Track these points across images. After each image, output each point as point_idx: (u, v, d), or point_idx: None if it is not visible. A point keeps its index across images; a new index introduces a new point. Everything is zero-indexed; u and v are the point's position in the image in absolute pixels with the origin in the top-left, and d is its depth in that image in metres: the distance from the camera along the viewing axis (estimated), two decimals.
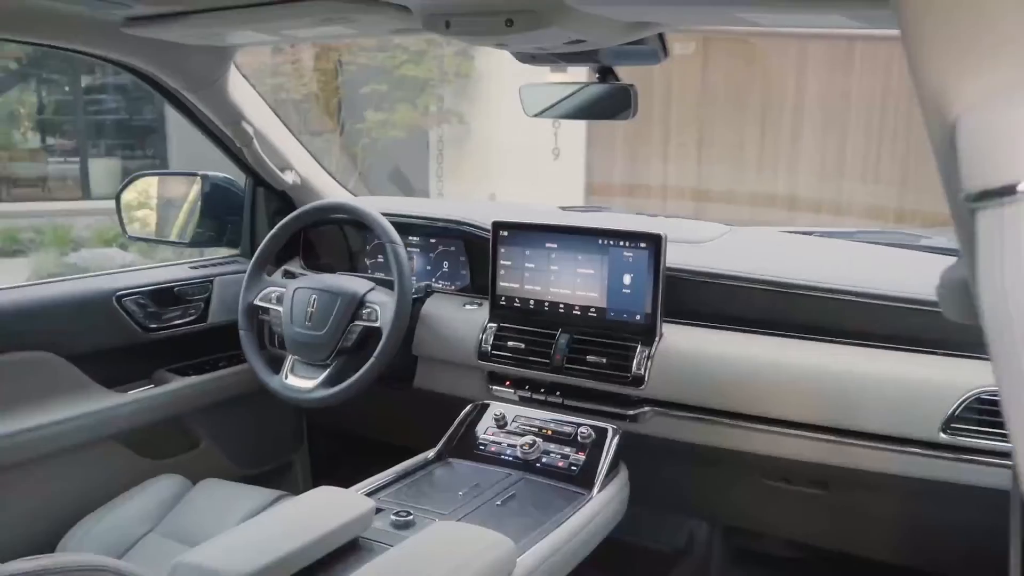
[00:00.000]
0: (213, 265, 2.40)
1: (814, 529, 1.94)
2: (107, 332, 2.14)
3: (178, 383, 2.25)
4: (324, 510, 1.50)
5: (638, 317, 1.88)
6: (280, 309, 2.11)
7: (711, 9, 1.36)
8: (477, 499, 1.68)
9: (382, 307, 2.00)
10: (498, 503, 1.66)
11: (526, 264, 2.00)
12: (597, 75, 1.90)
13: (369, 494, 1.70)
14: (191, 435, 2.33)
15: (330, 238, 2.45)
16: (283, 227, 2.17)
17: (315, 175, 2.47)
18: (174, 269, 2.32)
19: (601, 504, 1.68)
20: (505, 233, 2.02)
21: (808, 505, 1.87)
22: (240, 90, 2.16)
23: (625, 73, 1.94)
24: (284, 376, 2.09)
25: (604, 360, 1.88)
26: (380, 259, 2.39)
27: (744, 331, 1.87)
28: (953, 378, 1.63)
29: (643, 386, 1.83)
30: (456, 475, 1.81)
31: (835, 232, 2.24)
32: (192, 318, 2.30)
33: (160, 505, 1.99)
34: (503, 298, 2.04)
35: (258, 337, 2.21)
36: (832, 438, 1.71)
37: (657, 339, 1.86)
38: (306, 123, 8.87)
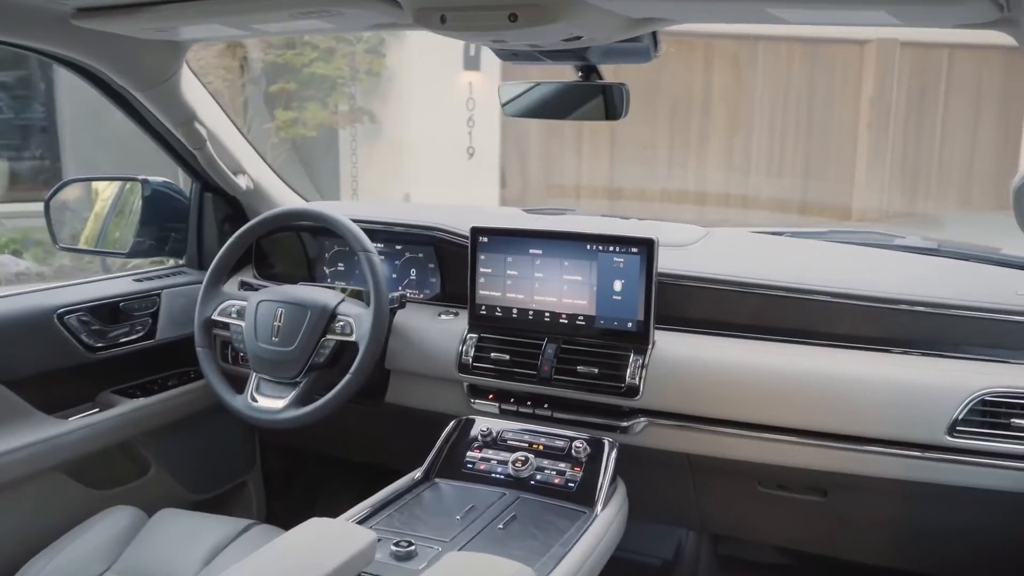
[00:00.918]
0: (159, 277, 2.23)
1: (811, 536, 1.91)
2: (48, 353, 1.95)
3: (125, 406, 2.08)
4: (322, 545, 1.38)
5: (630, 324, 1.81)
6: (242, 324, 1.97)
7: (735, 5, 1.30)
8: (476, 523, 1.59)
9: (357, 320, 1.88)
10: (500, 527, 1.57)
11: (508, 271, 1.91)
12: (580, 73, 1.81)
13: (359, 522, 1.59)
14: (140, 461, 2.16)
15: (285, 246, 2.31)
16: (242, 235, 2.02)
17: (268, 180, 2.32)
18: (117, 282, 2.15)
19: (607, 522, 1.61)
20: (485, 239, 1.92)
21: (806, 512, 1.84)
22: (192, 88, 2.01)
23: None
24: (249, 396, 1.94)
25: (596, 370, 1.81)
26: (341, 267, 2.27)
27: (736, 336, 1.83)
28: (955, 381, 1.62)
29: (638, 396, 1.77)
30: (447, 497, 1.71)
31: (806, 232, 2.23)
32: (139, 335, 2.13)
33: (115, 540, 1.82)
34: (483, 307, 1.94)
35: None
36: (833, 444, 1.68)
37: (650, 347, 1.79)
38: None
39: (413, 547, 1.46)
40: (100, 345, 2.04)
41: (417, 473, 1.78)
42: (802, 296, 1.79)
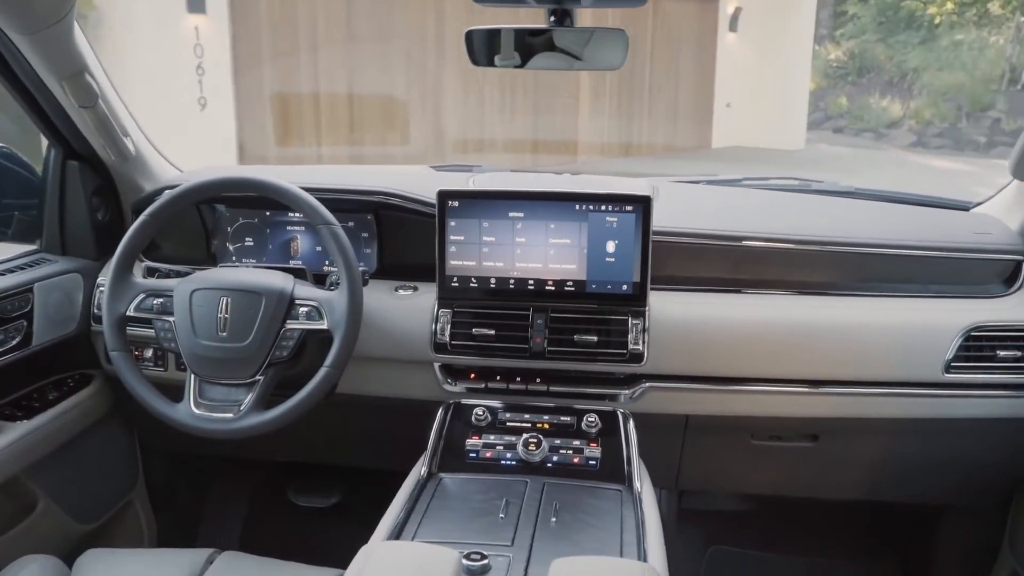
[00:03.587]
0: (21, 269, 1.79)
1: (797, 480, 1.95)
2: None
3: (7, 434, 1.67)
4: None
5: (624, 287, 1.72)
6: (170, 319, 1.64)
7: None
8: (524, 520, 1.44)
9: (326, 304, 1.63)
10: (553, 519, 1.44)
11: (484, 238, 1.74)
12: (553, 18, 1.66)
13: (396, 537, 1.39)
14: (27, 496, 1.76)
15: (176, 221, 1.94)
16: (157, 212, 1.66)
17: (143, 145, 1.94)
18: None
19: (651, 497, 1.53)
20: (455, 203, 1.73)
21: (795, 458, 1.88)
22: (80, 35, 1.61)
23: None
24: (191, 404, 1.62)
25: (594, 338, 1.71)
26: (249, 242, 1.95)
27: (719, 291, 1.81)
28: (943, 319, 1.71)
29: (643, 362, 1.69)
30: (468, 493, 1.53)
31: (723, 180, 2.24)
32: (16, 342, 1.70)
33: None
34: (455, 279, 1.76)
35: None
36: (832, 391, 1.72)
37: (648, 309, 1.72)
38: None
39: (487, 560, 1.30)
40: None
41: (422, 470, 1.58)
42: (784, 246, 1.80)
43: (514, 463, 1.61)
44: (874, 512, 2.28)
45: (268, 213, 1.94)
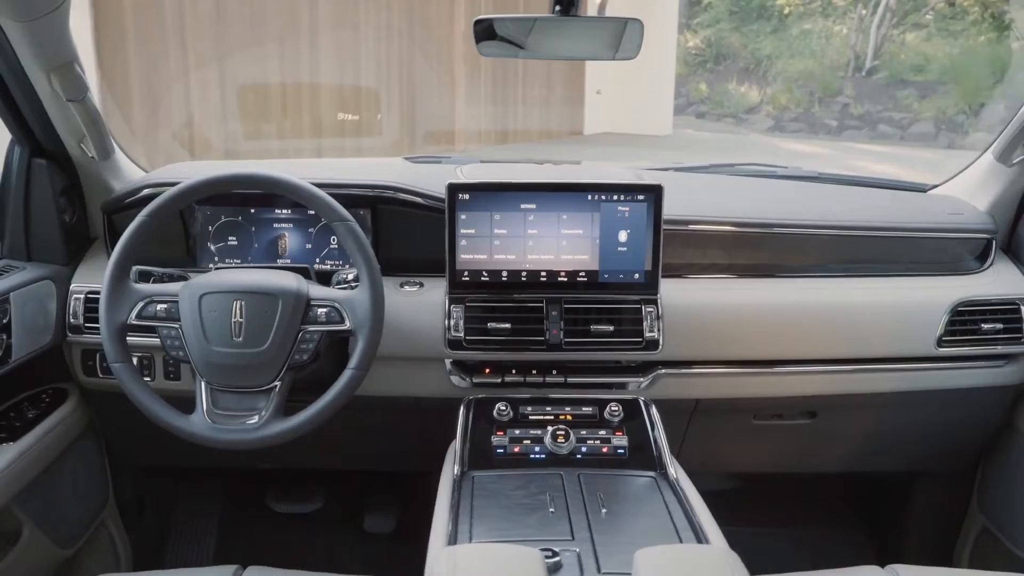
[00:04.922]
0: None
1: (794, 456, 2.02)
2: None
3: None
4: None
5: (636, 276, 1.74)
6: (176, 326, 1.54)
7: None
8: (575, 513, 1.43)
9: (347, 304, 1.56)
10: (603, 511, 1.44)
11: (495, 230, 1.72)
12: (558, 7, 1.65)
13: (455, 540, 1.36)
14: (13, 525, 1.62)
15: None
16: (156, 212, 1.55)
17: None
18: None
19: (687, 481, 1.55)
20: (465, 196, 1.70)
21: (794, 436, 1.94)
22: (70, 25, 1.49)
23: None
24: (205, 415, 1.53)
25: (610, 328, 1.72)
26: (232, 241, 1.86)
27: (723, 277, 1.85)
28: (931, 297, 1.82)
29: (659, 349, 1.72)
30: (507, 490, 1.51)
31: (691, 167, 2.29)
32: None
33: None
34: (465, 273, 1.73)
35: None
36: (834, 369, 1.79)
37: (660, 297, 1.74)
38: None
39: (558, 558, 1.29)
40: None
41: (454, 470, 1.55)
42: (776, 230, 1.85)
43: (543, 457, 1.60)
44: (847, 483, 2.40)
45: (252, 211, 1.85)
